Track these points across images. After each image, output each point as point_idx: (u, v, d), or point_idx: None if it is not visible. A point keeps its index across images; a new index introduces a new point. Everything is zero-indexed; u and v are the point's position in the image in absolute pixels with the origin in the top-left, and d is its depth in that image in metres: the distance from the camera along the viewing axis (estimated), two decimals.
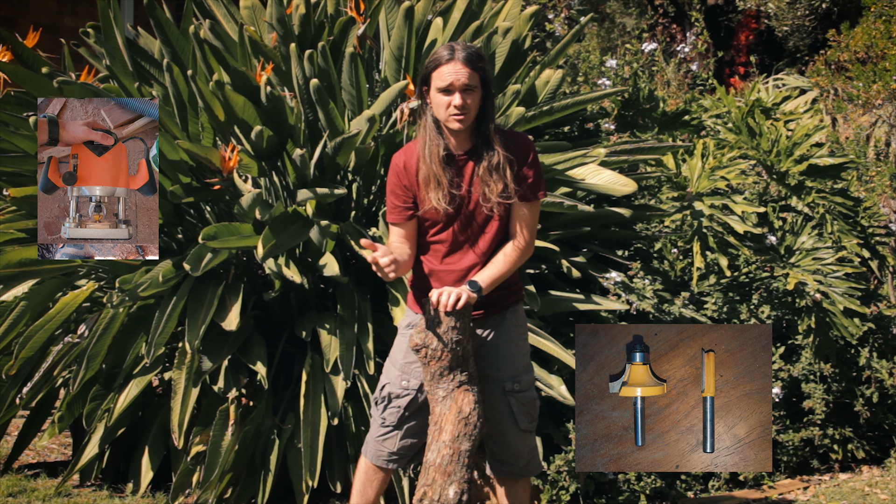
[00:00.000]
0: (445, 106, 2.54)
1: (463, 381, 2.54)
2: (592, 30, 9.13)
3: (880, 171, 4.99)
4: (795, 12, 9.15)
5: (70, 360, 3.47)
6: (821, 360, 3.96)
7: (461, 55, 2.53)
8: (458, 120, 2.54)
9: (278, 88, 3.51)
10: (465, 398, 2.52)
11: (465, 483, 2.48)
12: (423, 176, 2.60)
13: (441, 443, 2.51)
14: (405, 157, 2.66)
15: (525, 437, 2.73)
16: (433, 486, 2.49)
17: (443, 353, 2.51)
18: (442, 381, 2.53)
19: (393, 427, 2.72)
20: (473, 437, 2.51)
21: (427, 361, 2.53)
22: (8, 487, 3.53)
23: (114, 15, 3.74)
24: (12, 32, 3.75)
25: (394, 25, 3.64)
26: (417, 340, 2.53)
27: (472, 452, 2.51)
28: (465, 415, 2.51)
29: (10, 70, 3.48)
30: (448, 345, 2.50)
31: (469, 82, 2.53)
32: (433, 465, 2.51)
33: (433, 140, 2.58)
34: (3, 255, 3.37)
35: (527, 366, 2.75)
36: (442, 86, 2.53)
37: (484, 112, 2.59)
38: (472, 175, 2.61)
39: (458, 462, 2.49)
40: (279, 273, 3.28)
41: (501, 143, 2.60)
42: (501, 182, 2.58)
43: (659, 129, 4.44)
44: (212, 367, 3.29)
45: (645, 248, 4.12)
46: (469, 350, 2.57)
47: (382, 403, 2.74)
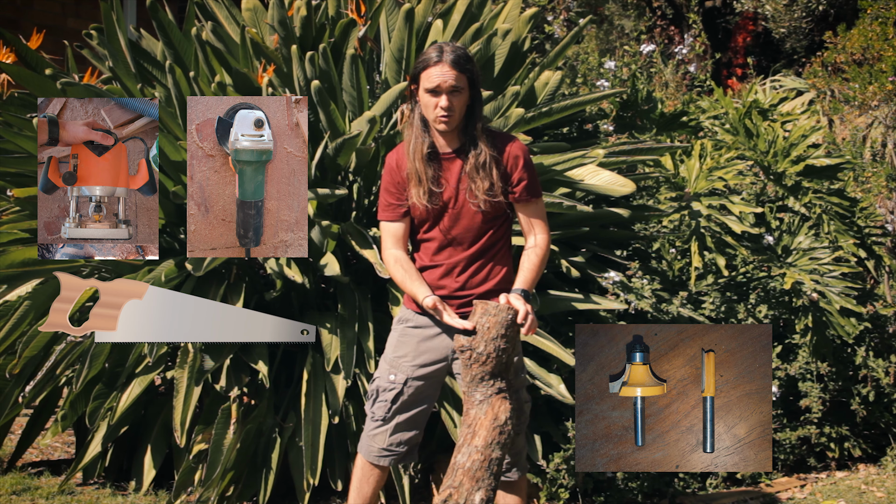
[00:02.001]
0: (433, 107, 2.60)
1: (502, 388, 2.53)
2: (591, 32, 9.16)
3: (876, 171, 5.02)
4: (792, 14, 9.19)
5: (73, 359, 3.49)
6: (817, 359, 3.99)
7: (449, 58, 2.58)
8: (443, 121, 2.60)
9: (280, 90, 3.54)
10: (503, 406, 2.51)
11: (491, 491, 2.46)
12: (407, 173, 2.67)
13: (473, 447, 2.48)
14: (397, 157, 2.73)
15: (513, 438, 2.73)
16: (459, 490, 2.45)
17: (488, 359, 2.50)
18: (481, 385, 2.52)
19: (382, 421, 2.75)
20: (506, 445, 2.50)
21: (470, 364, 2.52)
22: (12, 485, 3.55)
23: (116, 17, 3.76)
24: (16, 34, 3.77)
25: (394, 27, 3.67)
26: (464, 342, 2.52)
27: (501, 461, 2.50)
28: (500, 422, 2.49)
29: (13, 71, 3.50)
30: (496, 351, 2.49)
31: (456, 84, 2.58)
32: (462, 467, 2.47)
33: (418, 138, 2.65)
34: (7, 254, 3.40)
35: (517, 367, 2.74)
36: (430, 87, 2.59)
37: (472, 112, 2.64)
38: (461, 173, 2.66)
39: (487, 469, 2.46)
40: (280, 273, 3.30)
41: (488, 143, 2.65)
42: (488, 180, 2.62)
43: (657, 130, 4.46)
44: (214, 366, 3.31)
45: (643, 248, 4.14)
46: (511, 360, 2.57)
47: (372, 398, 2.78)
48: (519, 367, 2.75)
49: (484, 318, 2.50)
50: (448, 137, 2.67)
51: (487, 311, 2.51)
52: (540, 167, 3.42)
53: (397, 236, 2.72)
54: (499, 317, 2.50)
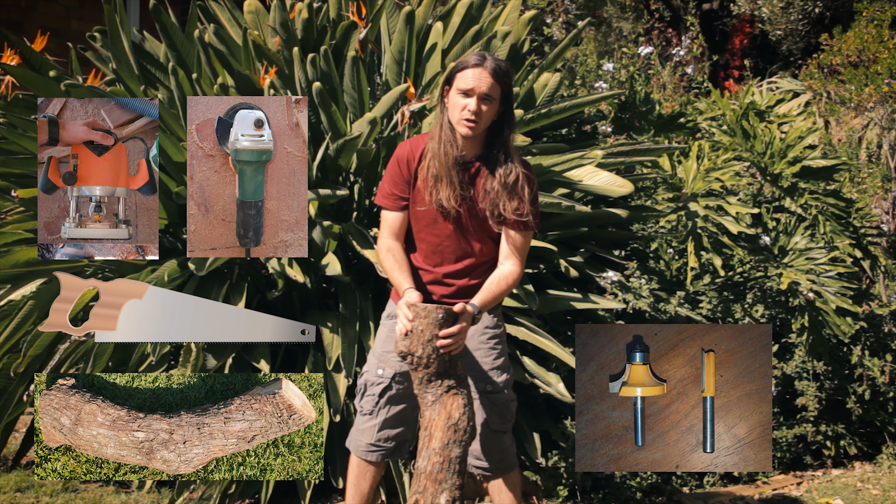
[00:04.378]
0: (461, 108, 2.54)
1: (451, 385, 2.51)
2: (590, 34, 9.19)
3: (872, 172, 5.05)
4: (789, 17, 9.23)
5: (77, 358, 3.51)
6: (814, 358, 4.01)
7: (490, 65, 2.54)
8: (468, 125, 2.54)
9: (281, 91, 3.57)
10: (454, 403, 2.49)
11: (456, 490, 2.44)
12: (432, 173, 2.59)
13: (431, 450, 2.46)
14: (410, 150, 2.66)
15: (496, 438, 2.72)
16: (424, 494, 2.44)
17: (429, 361, 2.47)
18: (430, 386, 2.50)
19: (369, 415, 2.75)
20: (464, 442, 2.48)
21: (414, 368, 2.50)
22: (16, 483, 3.58)
23: (120, 19, 3.79)
24: (20, 36, 3.80)
25: (395, 30, 3.70)
26: (402, 347, 2.49)
27: (463, 458, 2.48)
28: (454, 420, 2.47)
29: (18, 73, 3.53)
30: (434, 351, 2.47)
31: (489, 92, 2.53)
32: (424, 472, 2.46)
33: (449, 140, 2.58)
34: (12, 254, 3.42)
35: (501, 367, 2.72)
36: (463, 87, 2.54)
37: (500, 126, 2.59)
38: (473, 184, 2.62)
39: (448, 469, 2.44)
40: (282, 273, 3.33)
41: (520, 161, 2.60)
42: (517, 200, 2.57)
43: (655, 132, 4.48)
44: (216, 364, 3.33)
45: (641, 248, 4.16)
46: (456, 356, 2.54)
47: (360, 392, 2.78)
48: (499, 367, 2.71)
49: (416, 322, 2.47)
50: (468, 145, 2.61)
51: (419, 313, 2.47)
52: (539, 168, 3.44)
53: (394, 227, 2.69)
54: (429, 318, 2.46)
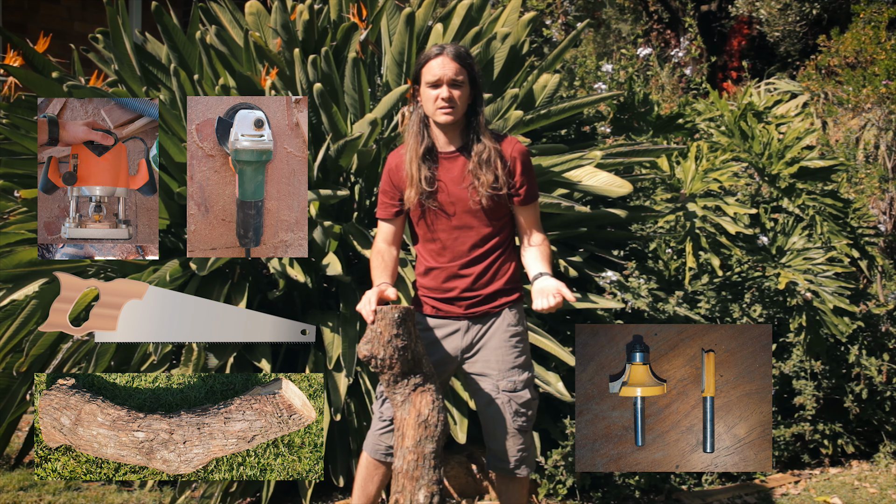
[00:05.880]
0: (434, 100, 2.61)
1: (418, 383, 2.53)
2: (589, 35, 9.21)
3: (869, 173, 5.07)
4: (787, 18, 9.25)
5: (79, 358, 3.52)
6: (811, 357, 4.03)
7: (451, 51, 2.62)
8: (445, 112, 2.61)
9: (283, 92, 3.58)
10: (423, 400, 2.51)
11: (434, 485, 2.46)
12: (403, 174, 2.68)
13: (405, 449, 2.49)
14: (397, 159, 2.74)
15: (517, 437, 2.72)
16: (403, 493, 2.47)
17: (392, 362, 2.50)
18: (398, 386, 2.53)
19: (389, 421, 2.76)
20: (436, 437, 2.50)
21: (380, 371, 2.53)
22: (19, 481, 3.60)
23: (122, 21, 3.81)
24: (23, 38, 3.81)
25: (395, 31, 3.72)
26: (365, 352, 2.52)
27: (437, 453, 2.49)
28: (424, 417, 2.50)
29: (20, 74, 3.55)
30: (395, 353, 2.49)
31: (456, 77, 2.60)
32: (401, 471, 2.49)
33: (415, 138, 2.66)
34: (14, 254, 3.44)
35: (523, 365, 2.73)
36: (431, 80, 2.61)
37: (474, 110, 2.66)
38: (464, 172, 2.65)
39: (424, 466, 2.46)
40: (283, 272, 3.34)
41: (490, 138, 2.66)
42: (492, 174, 2.63)
43: (653, 132, 4.50)
44: (218, 364, 3.34)
45: (640, 248, 4.17)
46: (420, 351, 2.56)
47: (380, 399, 2.79)
48: (521, 366, 2.72)
49: (375, 325, 2.50)
50: (450, 135, 2.67)
51: (377, 316, 2.50)
52: (538, 168, 3.46)
53: (386, 234, 2.77)
54: (386, 319, 2.49)
